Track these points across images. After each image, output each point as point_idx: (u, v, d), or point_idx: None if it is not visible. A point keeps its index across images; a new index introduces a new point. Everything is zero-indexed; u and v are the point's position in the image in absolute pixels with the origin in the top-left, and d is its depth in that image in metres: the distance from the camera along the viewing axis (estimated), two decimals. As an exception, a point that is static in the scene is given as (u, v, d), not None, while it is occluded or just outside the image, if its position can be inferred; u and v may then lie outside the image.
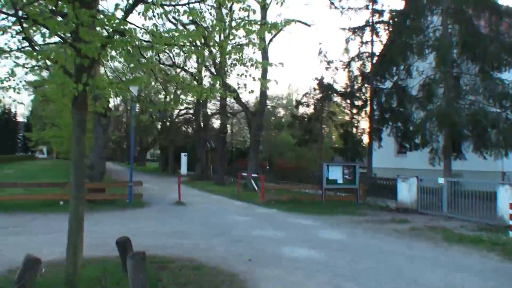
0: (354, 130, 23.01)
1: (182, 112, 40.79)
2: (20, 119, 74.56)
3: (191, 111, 37.31)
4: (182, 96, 14.26)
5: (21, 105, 67.31)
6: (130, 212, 12.10)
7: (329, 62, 22.24)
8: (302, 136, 25.32)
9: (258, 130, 21.50)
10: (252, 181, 17.43)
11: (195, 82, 7.59)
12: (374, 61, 20.63)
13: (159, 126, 44.76)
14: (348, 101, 22.75)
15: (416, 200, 13.47)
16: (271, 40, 24.07)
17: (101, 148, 14.12)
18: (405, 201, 13.62)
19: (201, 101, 29.40)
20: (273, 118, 43.53)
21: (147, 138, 51.62)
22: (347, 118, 25.57)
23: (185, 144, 39.89)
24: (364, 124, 23.71)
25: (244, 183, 19.86)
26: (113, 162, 78.29)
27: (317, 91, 23.91)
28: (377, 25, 20.86)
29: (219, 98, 28.36)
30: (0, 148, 58.63)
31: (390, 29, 19.65)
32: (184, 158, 38.02)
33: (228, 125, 32.23)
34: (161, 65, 6.75)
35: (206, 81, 18.84)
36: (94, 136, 14.13)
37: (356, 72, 21.78)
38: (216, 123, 37.22)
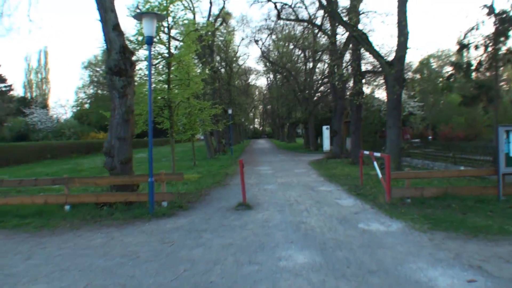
0: None
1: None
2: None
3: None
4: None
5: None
6: (120, 232, 7.02)
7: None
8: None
9: (397, 86, 14.67)
10: (375, 163, 11.03)
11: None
12: None
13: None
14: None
15: None
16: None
17: (120, 124, 8.90)
18: None
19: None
20: (440, 79, 34.27)
21: (294, 113, 47.92)
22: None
23: (328, 116, 34.56)
24: None
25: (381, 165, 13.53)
26: (270, 140, 77.79)
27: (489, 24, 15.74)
28: None
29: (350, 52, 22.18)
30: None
31: None
32: (326, 131, 32.91)
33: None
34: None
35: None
36: (112, 107, 9.10)
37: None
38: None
